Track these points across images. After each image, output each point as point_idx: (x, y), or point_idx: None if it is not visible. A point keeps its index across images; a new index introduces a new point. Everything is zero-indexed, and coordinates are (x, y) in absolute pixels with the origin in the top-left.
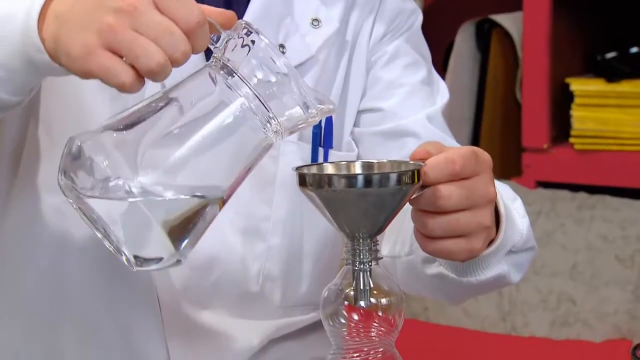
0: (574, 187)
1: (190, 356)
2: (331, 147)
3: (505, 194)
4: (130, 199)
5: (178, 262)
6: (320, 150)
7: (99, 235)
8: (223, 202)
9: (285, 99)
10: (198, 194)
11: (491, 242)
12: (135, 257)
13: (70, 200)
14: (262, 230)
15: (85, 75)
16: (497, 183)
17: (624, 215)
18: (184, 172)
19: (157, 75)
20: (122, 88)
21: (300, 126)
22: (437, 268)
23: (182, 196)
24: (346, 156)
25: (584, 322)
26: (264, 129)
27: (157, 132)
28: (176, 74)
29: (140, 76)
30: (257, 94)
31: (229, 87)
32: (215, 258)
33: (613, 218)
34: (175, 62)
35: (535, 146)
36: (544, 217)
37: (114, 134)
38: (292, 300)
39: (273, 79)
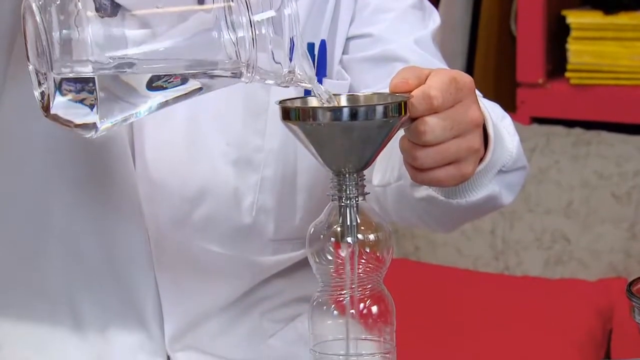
0: (570, 123)
1: (179, 291)
2: (325, 75)
3: (494, 112)
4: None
5: (93, 126)
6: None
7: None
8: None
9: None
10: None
11: (480, 162)
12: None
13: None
14: (255, 161)
15: None
16: (485, 102)
17: (620, 151)
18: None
19: None
20: None
21: (271, 78)
22: (425, 191)
23: (128, 70)
24: (340, 85)
25: (579, 260)
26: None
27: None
28: None
29: None
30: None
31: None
32: (206, 190)
33: (609, 154)
34: None
35: (530, 81)
36: (539, 153)
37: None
38: (285, 233)
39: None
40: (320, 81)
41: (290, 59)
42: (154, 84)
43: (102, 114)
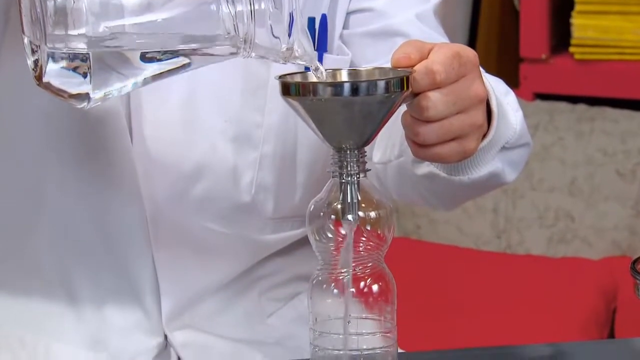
0: (574, 99)
1: (176, 269)
2: (325, 50)
3: (497, 87)
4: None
5: (86, 97)
6: (314, 54)
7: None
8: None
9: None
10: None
11: (483, 138)
12: (51, 55)
13: None
14: (254, 137)
15: None
16: (488, 77)
17: (625, 128)
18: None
19: None
20: None
21: (268, 54)
22: (427, 167)
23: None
24: (341, 60)
25: (583, 238)
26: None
27: None
28: None
29: None
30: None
31: None
32: (204, 167)
33: (613, 131)
34: None
35: (534, 56)
36: (542, 130)
37: None
38: (284, 211)
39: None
40: (320, 56)
41: (289, 35)
42: (148, 56)
43: (95, 83)
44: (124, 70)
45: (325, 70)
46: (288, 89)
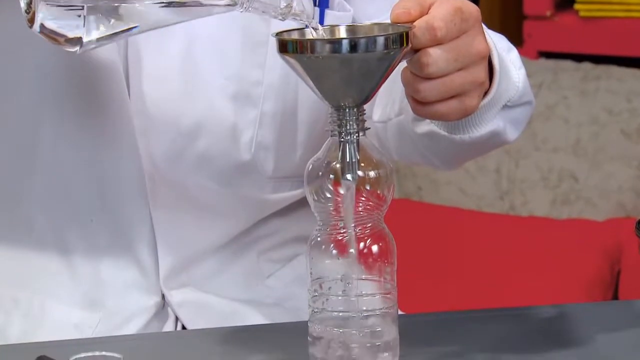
0: (578, 57)
1: (174, 228)
2: (327, 6)
3: (500, 44)
4: None
5: (78, 40)
6: (316, 11)
7: None
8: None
9: None
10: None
11: (485, 95)
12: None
13: None
14: (254, 95)
15: None
16: (490, 33)
17: (631, 87)
18: None
19: None
20: None
21: (267, 9)
22: (427, 126)
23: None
24: (342, 16)
25: (587, 199)
26: None
27: None
28: None
29: None
30: None
31: None
32: (202, 124)
33: (619, 89)
34: None
35: (538, 13)
36: (546, 89)
37: None
38: (284, 170)
39: None
40: (322, 13)
41: None
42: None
43: (89, 27)
44: (118, 15)
45: (323, 26)
46: (285, 46)
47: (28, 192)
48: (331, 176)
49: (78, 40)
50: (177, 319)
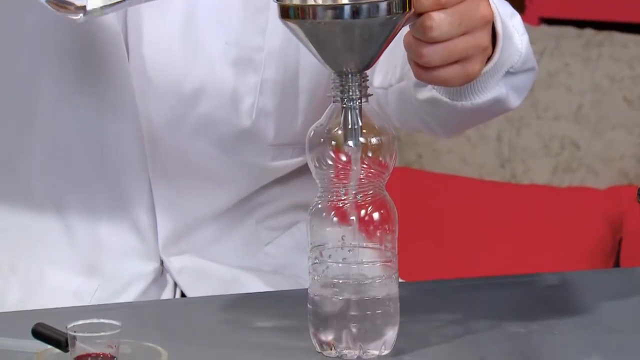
0: (580, 23)
1: (173, 195)
2: None
3: (503, 9)
4: None
5: (82, 8)
6: None
7: None
8: None
9: None
10: None
11: (487, 62)
12: None
13: None
14: (255, 61)
15: None
16: None
17: (634, 53)
18: None
19: None
20: None
21: None
22: (429, 92)
23: None
24: None
25: (589, 167)
26: None
27: None
28: None
29: None
30: None
31: None
32: (202, 89)
33: (622, 56)
34: None
35: None
36: (548, 56)
37: None
38: (285, 137)
39: None
40: None
41: None
42: None
43: None
44: None
45: None
46: (287, 11)
47: (27, 156)
48: (333, 142)
49: (81, 8)
50: (175, 285)
